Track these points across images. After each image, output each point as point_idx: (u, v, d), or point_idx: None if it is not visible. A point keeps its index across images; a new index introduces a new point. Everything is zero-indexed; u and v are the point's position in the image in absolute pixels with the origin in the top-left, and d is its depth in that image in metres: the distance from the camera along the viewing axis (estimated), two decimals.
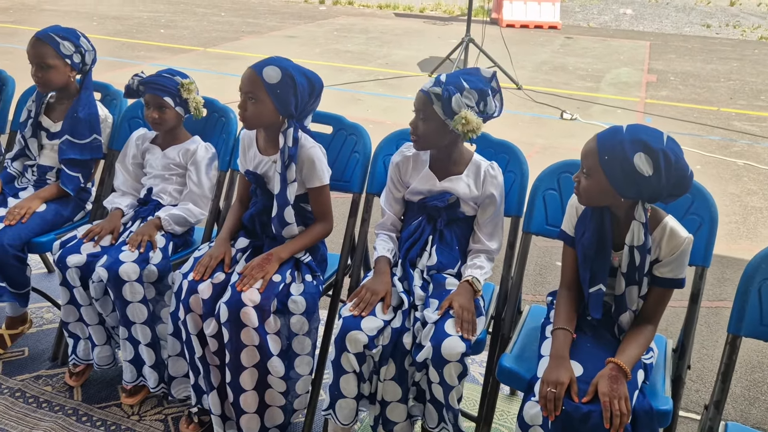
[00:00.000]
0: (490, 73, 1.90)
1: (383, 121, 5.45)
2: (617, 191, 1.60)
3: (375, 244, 2.04)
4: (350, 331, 1.77)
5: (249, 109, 1.96)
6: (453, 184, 1.96)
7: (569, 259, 1.78)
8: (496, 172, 1.95)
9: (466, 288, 1.87)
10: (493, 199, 1.94)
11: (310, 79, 1.98)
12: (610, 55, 8.73)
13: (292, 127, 1.98)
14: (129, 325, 2.09)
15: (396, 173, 2.04)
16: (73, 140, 2.38)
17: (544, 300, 2.83)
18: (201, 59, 7.61)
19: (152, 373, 2.16)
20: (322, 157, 2.06)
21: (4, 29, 8.90)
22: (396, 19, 11.33)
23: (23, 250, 2.27)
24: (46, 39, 2.34)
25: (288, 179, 1.99)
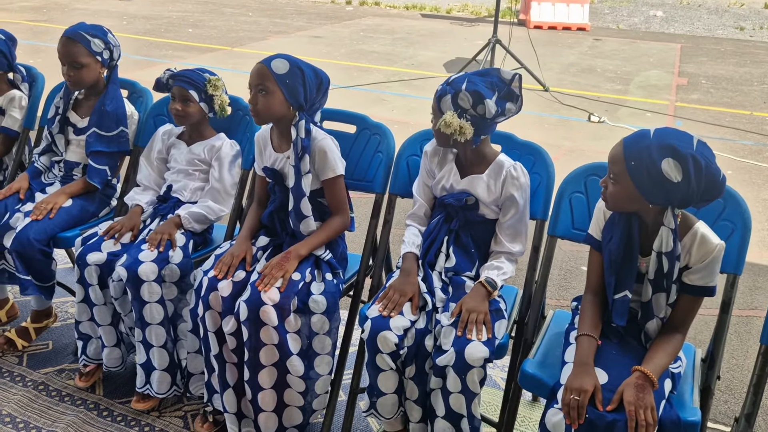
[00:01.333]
0: (510, 74, 1.86)
1: (408, 121, 5.43)
2: (645, 197, 1.56)
3: (404, 237, 2.01)
4: (380, 332, 1.76)
5: (260, 102, 1.97)
6: (473, 183, 1.93)
7: (595, 263, 1.74)
8: (519, 173, 1.90)
9: (478, 290, 1.84)
10: (514, 201, 1.90)
11: (316, 73, 2.02)
12: (639, 57, 8.59)
13: (304, 119, 1.98)
14: (144, 326, 2.09)
15: (425, 161, 2.03)
16: (101, 133, 2.40)
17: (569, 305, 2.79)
18: (227, 58, 7.67)
19: (164, 377, 2.14)
20: (335, 148, 2.05)
21: (37, 27, 9.07)
22: (422, 19, 11.29)
23: (49, 244, 2.29)
24: (76, 37, 2.35)
25: (302, 170, 1.98)
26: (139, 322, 2.09)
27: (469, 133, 1.81)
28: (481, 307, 1.78)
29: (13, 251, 2.23)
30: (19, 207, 2.37)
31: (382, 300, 1.85)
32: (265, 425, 1.99)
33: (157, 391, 2.15)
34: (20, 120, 2.65)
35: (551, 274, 1.99)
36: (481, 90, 1.80)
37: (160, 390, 2.15)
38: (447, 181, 1.95)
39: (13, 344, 2.44)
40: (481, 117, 1.82)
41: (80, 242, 2.20)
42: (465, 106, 1.81)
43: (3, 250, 2.31)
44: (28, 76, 2.73)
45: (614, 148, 1.61)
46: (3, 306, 2.57)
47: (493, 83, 1.83)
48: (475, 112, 1.81)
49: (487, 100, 1.80)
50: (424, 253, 1.94)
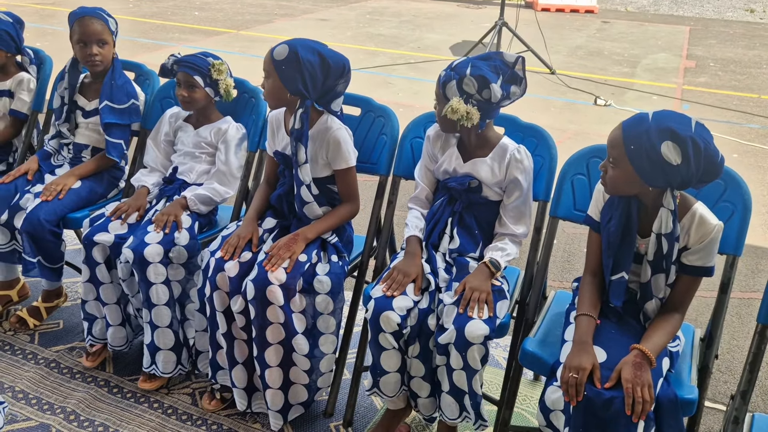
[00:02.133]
0: (513, 57, 1.87)
1: (413, 104, 5.43)
2: (644, 181, 1.57)
3: (407, 220, 2.04)
4: (383, 312, 1.79)
5: (265, 88, 2.01)
6: (476, 167, 1.95)
7: (594, 245, 1.76)
8: (523, 156, 1.92)
9: (482, 269, 1.86)
10: (518, 184, 1.92)
11: (324, 58, 1.95)
12: (647, 40, 8.53)
13: (302, 109, 1.97)
14: (151, 307, 2.13)
15: (427, 145, 2.04)
16: (113, 105, 2.43)
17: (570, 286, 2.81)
18: (234, 41, 7.66)
19: (169, 357, 2.18)
20: (348, 139, 2.07)
21: (44, 11, 9.07)
22: (429, 2, 11.21)
23: (58, 225, 2.33)
24: (98, 16, 2.40)
25: (299, 161, 2.00)
26: (146, 303, 2.13)
27: (475, 118, 1.82)
28: (484, 286, 1.81)
29: (23, 232, 2.27)
30: (28, 188, 2.41)
31: (386, 280, 1.88)
32: (272, 401, 2.03)
33: (162, 371, 2.19)
34: (29, 102, 2.68)
35: (554, 255, 2.02)
36: (486, 74, 1.81)
37: (165, 369, 2.19)
38: (449, 164, 1.97)
39: (24, 323, 2.49)
40: (487, 101, 1.83)
41: (88, 223, 2.23)
42: (470, 91, 1.82)
43: (14, 231, 2.35)
44: (36, 58, 2.75)
45: (613, 131, 1.61)
46: (14, 285, 2.61)
47: (497, 67, 1.84)
48: (481, 97, 1.82)
49: (493, 84, 1.81)
50: (427, 235, 1.96)
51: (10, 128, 2.69)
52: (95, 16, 2.39)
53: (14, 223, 2.32)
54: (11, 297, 2.60)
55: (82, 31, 2.38)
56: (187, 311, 2.21)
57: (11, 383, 2.22)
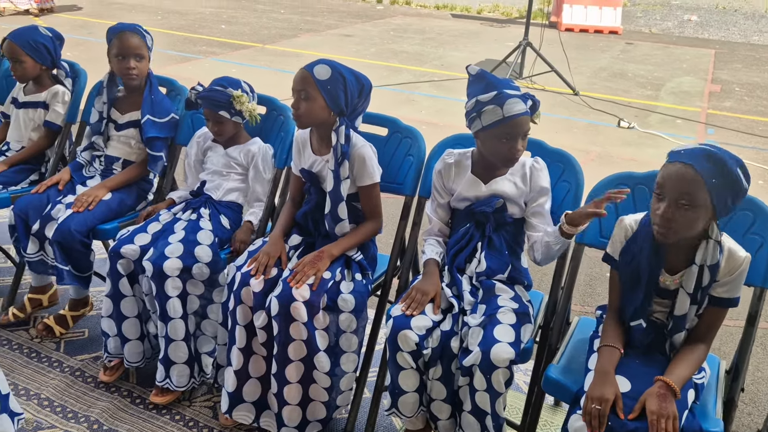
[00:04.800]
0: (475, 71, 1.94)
1: (436, 122, 5.45)
2: (718, 212, 1.53)
3: (423, 248, 2.07)
4: (401, 331, 1.80)
5: (302, 107, 2.02)
6: (499, 185, 1.96)
7: (615, 282, 1.75)
8: (542, 165, 1.98)
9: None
10: (545, 191, 1.96)
11: (358, 78, 2.06)
12: (671, 62, 8.49)
13: (344, 125, 2.02)
14: (167, 320, 2.15)
15: (439, 181, 2.06)
16: (155, 119, 2.51)
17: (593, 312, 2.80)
18: (259, 55, 7.76)
19: (183, 370, 2.20)
20: (373, 156, 2.09)
21: (76, 21, 9.28)
22: (453, 20, 11.29)
23: (88, 236, 2.38)
24: (136, 31, 2.48)
25: (341, 176, 2.04)
26: (162, 316, 2.15)
27: None
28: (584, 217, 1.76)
29: (54, 242, 2.31)
30: (60, 198, 2.46)
31: (405, 300, 1.89)
32: (289, 418, 2.04)
33: (176, 385, 2.21)
34: (63, 114, 2.74)
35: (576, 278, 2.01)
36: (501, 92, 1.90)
37: (179, 383, 2.21)
38: (469, 191, 1.99)
39: (51, 330, 2.53)
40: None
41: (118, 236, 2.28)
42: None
43: (44, 241, 2.40)
44: (72, 71, 2.82)
45: (679, 173, 1.50)
46: (47, 291, 2.66)
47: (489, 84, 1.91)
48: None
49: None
50: (451, 259, 1.97)
51: (44, 139, 2.75)
52: (134, 31, 2.47)
53: (45, 232, 2.37)
54: (42, 301, 2.64)
55: (121, 45, 2.44)
56: (202, 326, 2.23)
57: (37, 390, 2.26)
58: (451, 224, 2.09)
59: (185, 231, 2.21)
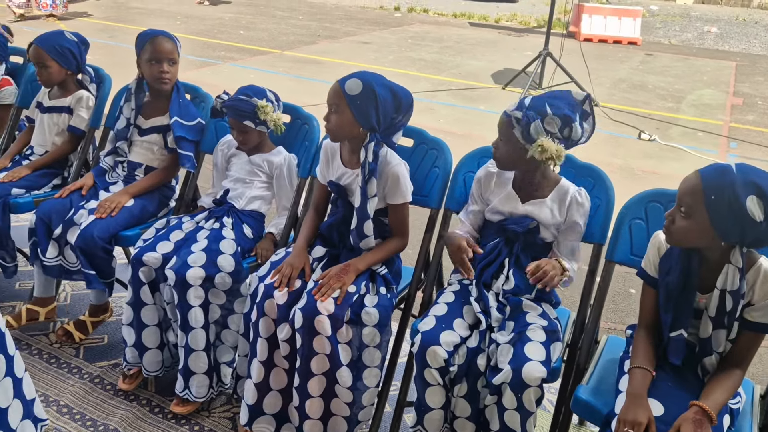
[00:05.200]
0: (582, 96, 1.86)
1: (455, 131, 5.42)
2: (718, 234, 1.50)
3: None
4: (430, 347, 1.77)
5: (332, 121, 2.00)
6: (535, 208, 1.93)
7: (648, 299, 1.71)
8: (584, 200, 1.91)
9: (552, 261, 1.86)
10: (576, 227, 1.91)
11: (395, 94, 1.98)
12: (692, 74, 8.42)
13: (374, 142, 1.98)
14: (188, 330, 2.13)
15: (477, 188, 2.03)
16: (182, 122, 2.52)
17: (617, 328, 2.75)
18: (278, 62, 7.78)
19: (203, 381, 2.18)
20: (407, 175, 2.07)
21: (97, 25, 9.36)
22: (470, 28, 11.27)
23: (111, 242, 2.37)
24: (171, 37, 2.50)
25: (368, 194, 2.01)
26: (183, 325, 2.13)
27: (563, 156, 1.81)
28: (554, 270, 1.81)
29: (77, 248, 2.31)
30: (83, 204, 2.45)
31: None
32: None
33: (196, 395, 2.19)
34: (87, 120, 2.75)
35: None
36: (568, 113, 1.80)
37: (199, 394, 2.19)
38: (504, 206, 1.96)
39: (70, 336, 2.52)
40: (567, 139, 1.82)
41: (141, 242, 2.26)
42: (553, 130, 1.81)
43: (64, 246, 2.39)
44: (96, 77, 2.82)
45: (688, 179, 1.54)
46: (47, 304, 2.61)
47: (571, 105, 1.84)
48: (562, 135, 1.81)
49: (575, 123, 1.81)
50: (479, 274, 1.94)
51: (68, 144, 2.75)
52: (167, 36, 2.48)
53: (67, 237, 2.36)
54: (39, 315, 2.59)
55: (154, 50, 2.45)
56: (222, 336, 2.21)
57: (56, 396, 2.25)
58: (481, 235, 2.06)
59: (208, 240, 2.20)
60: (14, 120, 2.97)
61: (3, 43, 2.97)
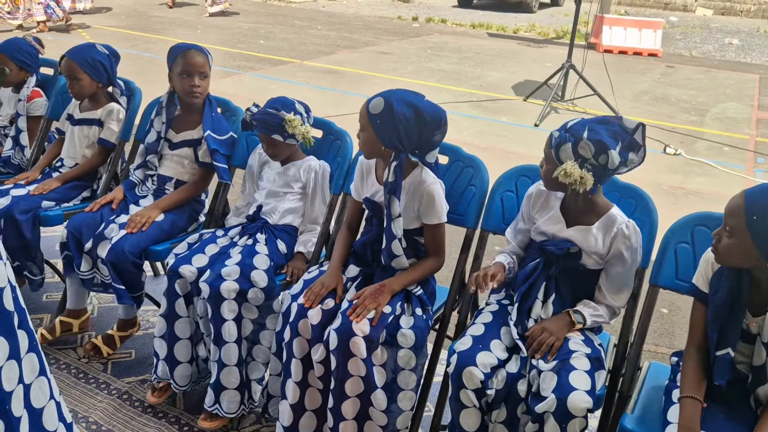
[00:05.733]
0: (634, 124, 1.80)
1: (478, 144, 5.38)
2: (761, 254, 1.48)
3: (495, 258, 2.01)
4: (466, 367, 1.73)
5: (360, 138, 2.01)
6: (580, 234, 1.88)
7: (699, 316, 1.67)
8: (631, 232, 1.83)
9: (563, 317, 1.83)
10: (621, 258, 1.84)
11: (419, 113, 1.92)
12: (715, 87, 8.33)
13: (396, 162, 1.96)
14: (221, 344, 2.11)
15: (526, 205, 2.00)
16: (215, 136, 2.51)
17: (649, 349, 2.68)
18: (298, 71, 7.79)
19: (234, 396, 2.15)
20: (442, 194, 2.03)
21: (118, 33, 9.43)
22: (489, 39, 11.25)
23: (141, 257, 2.35)
24: (203, 51, 2.49)
25: (392, 214, 1.97)
26: (217, 339, 2.11)
27: (589, 183, 1.76)
28: (559, 332, 1.78)
29: (107, 262, 2.29)
30: (113, 218, 2.44)
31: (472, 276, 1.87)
32: None
33: (226, 411, 2.16)
34: (117, 132, 2.74)
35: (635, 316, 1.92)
36: (605, 139, 1.74)
37: (229, 410, 2.16)
38: (549, 227, 1.91)
39: (98, 351, 2.50)
40: (602, 167, 1.76)
41: (173, 256, 2.25)
42: (586, 155, 1.75)
43: (96, 259, 2.38)
44: (127, 89, 2.82)
45: (733, 199, 1.53)
46: (81, 316, 2.61)
47: (615, 132, 1.77)
48: (597, 162, 1.75)
49: (611, 150, 1.74)
50: (520, 298, 1.89)
51: (98, 156, 2.75)
52: (199, 49, 2.48)
53: (98, 251, 2.35)
54: (73, 326, 2.59)
55: (186, 63, 2.44)
56: (253, 352, 2.18)
57: (85, 413, 2.23)
58: (525, 254, 2.02)
59: (242, 255, 2.18)
60: (44, 132, 2.98)
61: (34, 55, 2.98)
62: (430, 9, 14.74)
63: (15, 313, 1.34)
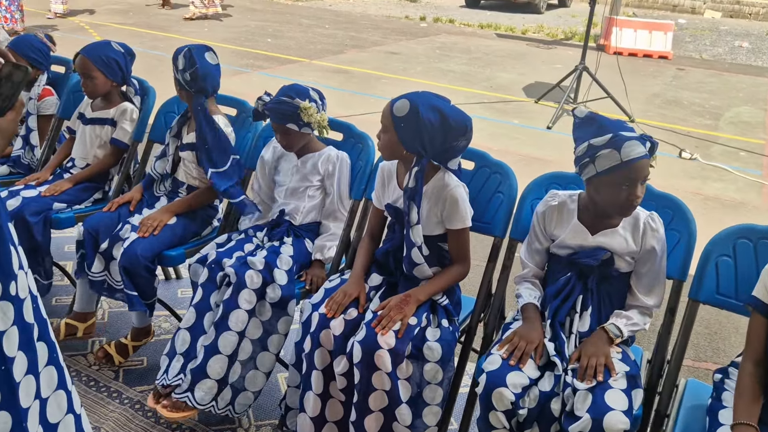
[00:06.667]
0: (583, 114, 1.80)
1: (490, 146, 5.29)
2: None
3: (518, 292, 1.93)
4: (496, 388, 1.66)
5: (381, 140, 1.95)
6: (608, 238, 1.81)
7: (759, 329, 1.57)
8: (657, 224, 1.80)
9: (599, 334, 1.75)
10: (653, 253, 1.79)
11: (445, 118, 1.86)
12: (727, 91, 8.23)
13: (418, 167, 1.89)
14: (222, 329, 2.00)
15: (539, 224, 1.92)
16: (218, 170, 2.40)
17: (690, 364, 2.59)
18: (306, 71, 7.72)
19: (213, 386, 2.02)
20: (466, 198, 1.96)
21: (126, 30, 9.37)
22: (497, 39, 11.16)
23: (153, 261, 2.28)
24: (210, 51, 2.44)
25: (411, 221, 1.90)
26: (220, 322, 2.01)
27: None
28: (602, 350, 1.70)
29: (120, 266, 2.22)
30: (129, 219, 2.38)
31: (505, 345, 1.75)
32: None
33: (198, 401, 2.01)
34: (130, 133, 2.67)
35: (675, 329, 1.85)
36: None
37: (202, 400, 2.02)
38: (574, 239, 1.84)
39: (110, 358, 2.43)
40: None
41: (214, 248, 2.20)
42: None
43: (110, 261, 2.31)
44: (141, 89, 2.75)
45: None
46: (87, 320, 2.50)
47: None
48: None
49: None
50: (553, 313, 1.82)
51: (110, 157, 2.68)
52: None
53: (113, 252, 2.28)
54: (78, 330, 2.49)
55: None
56: (258, 359, 2.09)
57: (97, 423, 2.16)
58: (549, 269, 1.94)
59: (267, 251, 2.15)
60: (55, 131, 2.91)
61: (45, 52, 2.90)
62: (438, 9, 14.65)
63: (35, 325, 1.28)
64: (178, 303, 2.82)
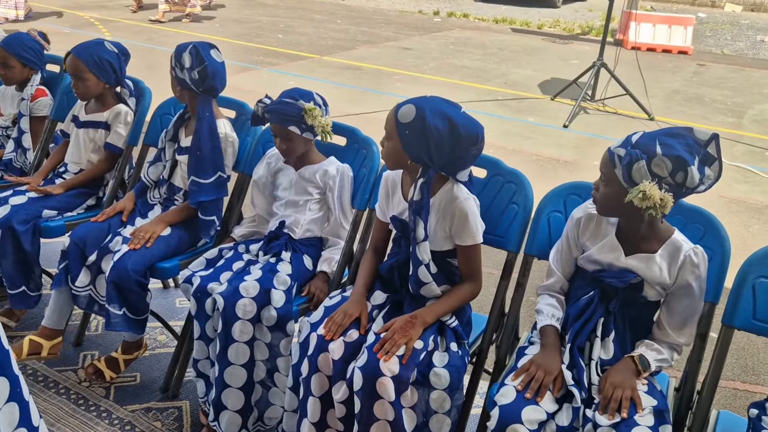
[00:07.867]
0: (706, 136, 1.57)
1: (504, 145, 5.13)
2: None
3: (539, 307, 1.77)
4: (511, 425, 1.51)
5: (384, 148, 1.82)
6: (642, 263, 1.64)
7: None
8: (700, 260, 1.62)
9: (627, 364, 1.60)
10: (690, 290, 1.62)
11: (454, 126, 1.71)
12: (750, 87, 7.97)
13: (423, 179, 1.74)
14: (224, 365, 1.92)
15: (574, 230, 1.75)
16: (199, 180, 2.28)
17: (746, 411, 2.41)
18: (317, 67, 7.58)
19: (234, 419, 1.97)
20: (477, 212, 1.81)
21: (134, 27, 9.28)
22: (512, 34, 10.93)
23: (145, 275, 2.15)
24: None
25: (417, 238, 1.76)
26: (220, 357, 1.93)
27: (669, 206, 1.52)
28: (628, 382, 1.55)
29: (109, 282, 2.09)
30: (120, 230, 2.25)
31: (520, 374, 1.60)
32: None
33: (224, 431, 1.99)
34: (125, 137, 2.54)
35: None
36: (682, 154, 1.51)
37: (228, 430, 1.99)
38: (604, 256, 1.68)
39: (101, 375, 2.30)
40: (680, 186, 1.53)
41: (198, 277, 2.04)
42: (661, 173, 1.52)
43: (96, 275, 2.18)
44: (136, 90, 2.62)
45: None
46: (53, 338, 2.29)
47: (690, 145, 1.55)
48: (673, 181, 1.53)
49: (691, 166, 1.51)
50: (573, 337, 1.66)
51: (104, 162, 2.56)
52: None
53: (101, 265, 2.16)
54: (42, 349, 2.28)
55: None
56: (275, 377, 1.99)
57: None
58: (571, 282, 1.78)
59: (262, 271, 2.01)
60: (48, 134, 2.79)
61: (39, 51, 2.78)
62: (452, 3, 14.42)
63: None
64: (175, 313, 2.70)
